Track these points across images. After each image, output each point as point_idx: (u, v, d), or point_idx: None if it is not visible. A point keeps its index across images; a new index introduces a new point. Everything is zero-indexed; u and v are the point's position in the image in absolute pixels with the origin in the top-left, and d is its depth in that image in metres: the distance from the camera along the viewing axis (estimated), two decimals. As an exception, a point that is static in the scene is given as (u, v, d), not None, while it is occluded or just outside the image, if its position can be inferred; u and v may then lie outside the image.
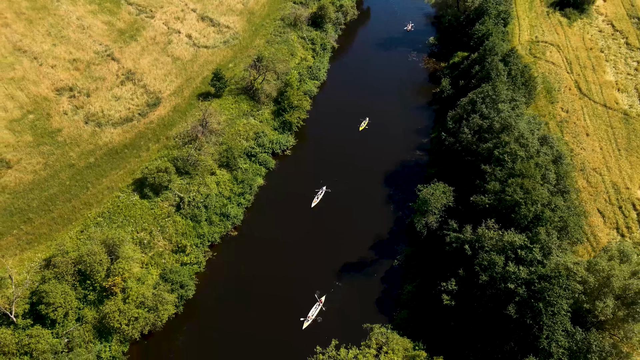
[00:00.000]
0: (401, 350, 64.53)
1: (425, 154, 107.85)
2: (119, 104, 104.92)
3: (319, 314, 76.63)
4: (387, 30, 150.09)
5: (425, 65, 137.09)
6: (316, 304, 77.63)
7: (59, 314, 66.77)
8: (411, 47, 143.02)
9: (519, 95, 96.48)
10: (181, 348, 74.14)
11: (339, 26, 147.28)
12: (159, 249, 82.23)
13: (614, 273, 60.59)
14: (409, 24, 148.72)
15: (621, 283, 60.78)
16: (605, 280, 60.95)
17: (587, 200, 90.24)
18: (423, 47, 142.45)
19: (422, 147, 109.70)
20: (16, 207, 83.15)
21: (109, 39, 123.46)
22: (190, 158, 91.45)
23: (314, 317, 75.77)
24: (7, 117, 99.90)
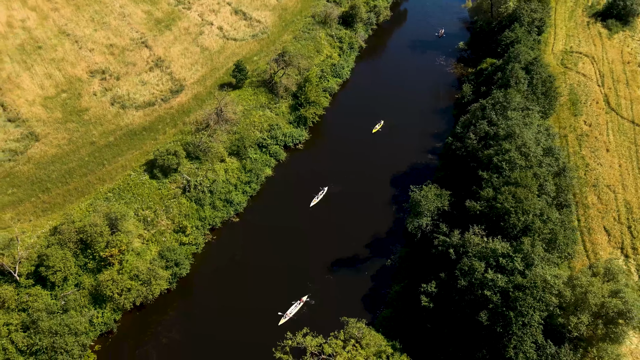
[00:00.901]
0: (373, 346, 65.42)
1: (436, 158, 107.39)
2: (145, 88, 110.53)
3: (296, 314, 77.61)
4: (419, 34, 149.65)
5: (453, 70, 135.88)
6: (297, 302, 78.78)
7: (57, 278, 72.02)
8: (441, 51, 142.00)
9: (534, 104, 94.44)
10: (170, 322, 78.03)
11: (370, 26, 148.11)
12: (161, 227, 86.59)
13: (590, 289, 59.14)
14: (441, 30, 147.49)
15: (598, 300, 59.23)
16: (582, 296, 59.58)
17: (594, 217, 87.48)
18: (453, 52, 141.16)
19: (434, 151, 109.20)
20: (37, 177, 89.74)
21: (146, 27, 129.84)
22: (202, 144, 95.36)
23: (292, 315, 76.98)
24: (42, 94, 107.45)
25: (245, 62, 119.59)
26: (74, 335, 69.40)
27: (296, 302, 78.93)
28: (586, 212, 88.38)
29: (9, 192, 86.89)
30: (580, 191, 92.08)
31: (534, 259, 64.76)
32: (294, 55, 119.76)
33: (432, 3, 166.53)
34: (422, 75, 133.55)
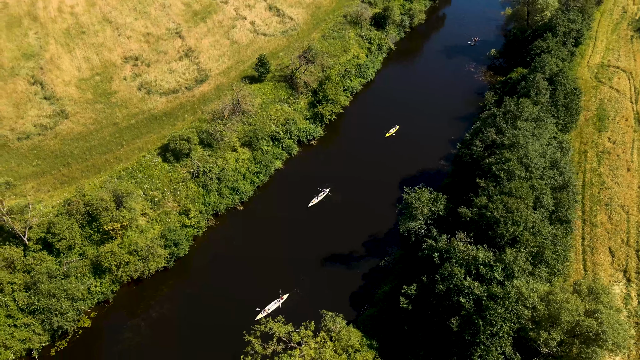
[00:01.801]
0: (344, 340, 66.31)
1: (449, 165, 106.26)
2: (172, 76, 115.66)
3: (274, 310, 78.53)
4: (453, 40, 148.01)
5: (481, 78, 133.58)
6: (277, 300, 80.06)
7: (62, 245, 77.41)
8: (472, 57, 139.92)
9: (548, 115, 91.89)
10: (162, 298, 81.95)
11: (403, 29, 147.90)
12: (167, 208, 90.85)
13: (565, 306, 57.63)
14: (475, 38, 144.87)
15: (572, 318, 57.64)
16: (556, 312, 58.15)
17: (601, 236, 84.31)
18: (484, 59, 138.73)
19: (448, 158, 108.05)
20: (61, 151, 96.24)
21: (183, 18, 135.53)
22: (215, 133, 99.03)
23: (270, 311, 78.05)
24: (78, 76, 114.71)
25: (270, 57, 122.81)
26: (70, 300, 74.36)
27: (276, 299, 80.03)
28: (593, 230, 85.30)
29: (34, 163, 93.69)
30: (590, 209, 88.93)
31: (514, 270, 63.64)
32: (318, 53, 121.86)
33: (472, 10, 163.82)
34: (449, 81, 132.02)
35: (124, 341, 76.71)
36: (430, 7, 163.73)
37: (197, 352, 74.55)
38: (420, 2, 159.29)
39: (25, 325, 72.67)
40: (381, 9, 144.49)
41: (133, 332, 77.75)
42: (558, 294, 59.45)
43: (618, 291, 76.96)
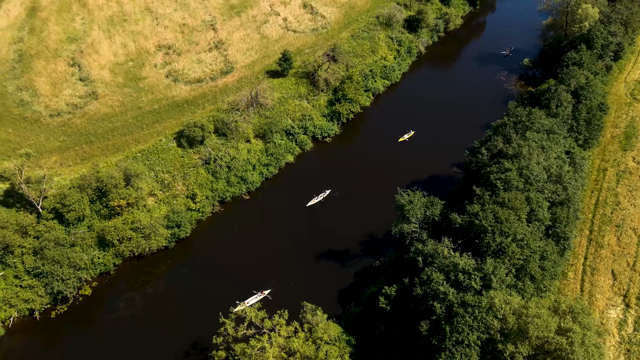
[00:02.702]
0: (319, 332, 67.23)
1: (461, 172, 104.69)
2: (199, 66, 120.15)
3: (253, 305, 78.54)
4: (488, 47, 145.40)
5: (511, 87, 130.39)
6: (258, 294, 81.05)
7: (71, 216, 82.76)
8: (504, 66, 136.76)
9: (562, 128, 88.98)
10: (160, 276, 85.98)
11: (437, 33, 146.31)
12: (175, 191, 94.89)
13: (534, 321, 56.26)
14: (509, 48, 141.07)
15: (540, 333, 56.17)
16: (525, 326, 56.87)
17: (605, 257, 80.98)
18: (516, 69, 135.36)
19: (461, 165, 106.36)
20: (86, 130, 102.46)
21: (219, 11, 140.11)
22: (231, 123, 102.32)
23: (249, 305, 77.55)
24: (113, 61, 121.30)
25: (296, 54, 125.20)
26: (73, 268, 79.43)
27: (257, 294, 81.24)
28: (597, 250, 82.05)
29: (61, 139, 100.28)
30: (599, 228, 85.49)
31: (492, 280, 62.65)
32: (344, 52, 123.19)
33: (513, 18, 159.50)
34: (476, 88, 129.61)
35: (119, 311, 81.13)
36: (470, 13, 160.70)
37: (184, 329, 77.56)
38: (458, 7, 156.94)
39: (30, 286, 78.36)
40: (415, 11, 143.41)
41: (128, 304, 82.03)
42: (531, 308, 58.02)
43: (614, 315, 73.82)
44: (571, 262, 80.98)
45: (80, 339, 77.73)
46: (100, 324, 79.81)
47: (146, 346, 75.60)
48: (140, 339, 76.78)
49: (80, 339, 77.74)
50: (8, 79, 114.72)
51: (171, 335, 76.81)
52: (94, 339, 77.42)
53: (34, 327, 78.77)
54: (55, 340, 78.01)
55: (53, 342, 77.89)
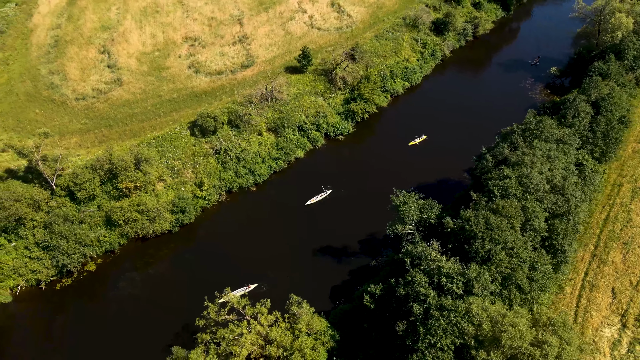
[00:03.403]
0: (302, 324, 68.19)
1: (470, 178, 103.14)
2: (221, 59, 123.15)
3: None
4: (516, 53, 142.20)
5: (536, 96, 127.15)
6: (244, 287, 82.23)
7: (82, 195, 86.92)
8: (531, 74, 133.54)
9: (575, 138, 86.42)
10: (161, 258, 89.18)
11: (465, 37, 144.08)
12: (184, 178, 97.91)
13: (507, 329, 55.35)
14: (536, 57, 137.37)
15: (513, 343, 55.21)
16: (499, 333, 56.04)
17: (607, 274, 78.29)
18: (543, 77, 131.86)
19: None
20: (107, 115, 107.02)
21: (248, 7, 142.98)
22: (244, 115, 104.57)
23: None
24: (141, 50, 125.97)
25: (318, 51, 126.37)
26: (79, 243, 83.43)
27: (244, 287, 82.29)
28: (600, 267, 79.40)
29: (83, 122, 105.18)
30: (605, 244, 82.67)
31: (474, 286, 61.99)
32: (365, 51, 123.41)
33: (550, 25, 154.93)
34: (500, 95, 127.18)
35: (120, 289, 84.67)
36: (502, 18, 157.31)
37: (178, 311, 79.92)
38: (490, 11, 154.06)
39: (38, 258, 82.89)
40: (443, 14, 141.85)
41: (128, 283, 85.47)
42: (507, 316, 57.08)
43: (608, 334, 71.39)
44: (570, 277, 78.70)
45: (81, 312, 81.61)
46: (101, 299, 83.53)
47: (141, 324, 78.69)
48: (136, 317, 79.97)
49: (81, 312, 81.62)
50: (42, 62, 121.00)
51: (165, 316, 79.52)
52: (93, 313, 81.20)
53: (39, 297, 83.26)
54: (58, 311, 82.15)
55: (56, 312, 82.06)
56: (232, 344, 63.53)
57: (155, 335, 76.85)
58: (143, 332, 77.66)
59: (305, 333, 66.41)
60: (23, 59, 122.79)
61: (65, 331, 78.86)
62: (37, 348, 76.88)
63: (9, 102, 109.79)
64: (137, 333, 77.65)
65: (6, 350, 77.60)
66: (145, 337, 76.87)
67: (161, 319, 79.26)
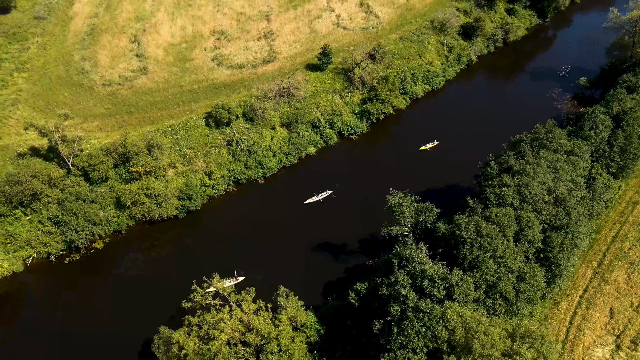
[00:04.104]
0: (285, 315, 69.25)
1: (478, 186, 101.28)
2: (244, 53, 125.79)
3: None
4: (547, 61, 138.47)
5: (562, 106, 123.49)
6: (231, 279, 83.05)
7: (95, 175, 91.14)
8: (559, 84, 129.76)
9: (586, 152, 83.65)
10: (165, 241, 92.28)
11: (494, 43, 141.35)
12: (195, 166, 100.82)
13: (479, 337, 54.52)
14: (565, 68, 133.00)
15: (484, 351, 54.27)
16: (470, 340, 55.28)
17: (607, 293, 75.55)
18: (572, 87, 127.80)
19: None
20: (129, 101, 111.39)
21: (278, 4, 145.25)
22: (258, 109, 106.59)
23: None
24: (170, 41, 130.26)
25: (340, 50, 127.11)
26: (88, 221, 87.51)
27: (232, 278, 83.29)
28: (600, 285, 76.69)
29: (106, 107, 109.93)
30: (610, 262, 79.74)
31: (454, 291, 61.36)
32: (387, 52, 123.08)
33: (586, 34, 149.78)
34: (523, 103, 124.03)
35: (123, 268, 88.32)
36: (537, 25, 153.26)
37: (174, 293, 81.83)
38: (525, 18, 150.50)
39: (49, 232, 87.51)
40: (473, 19, 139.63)
41: (132, 263, 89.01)
42: (482, 324, 56.21)
43: (599, 354, 68.96)
44: (567, 292, 76.39)
45: (85, 287, 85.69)
46: (105, 276, 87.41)
47: (138, 302, 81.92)
48: (135, 295, 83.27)
49: (85, 287, 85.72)
50: (77, 49, 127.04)
51: (162, 296, 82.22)
52: (97, 289, 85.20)
53: (48, 269, 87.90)
54: (65, 284, 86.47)
55: (62, 284, 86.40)
56: (213, 328, 65.22)
57: (150, 313, 79.72)
58: (139, 309, 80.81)
59: (289, 324, 67.30)
60: (60, 44, 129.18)
61: (69, 302, 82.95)
62: (43, 314, 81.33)
63: (41, 85, 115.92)
64: (134, 310, 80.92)
65: (18, 314, 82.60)
66: (141, 314, 79.98)
67: (158, 299, 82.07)
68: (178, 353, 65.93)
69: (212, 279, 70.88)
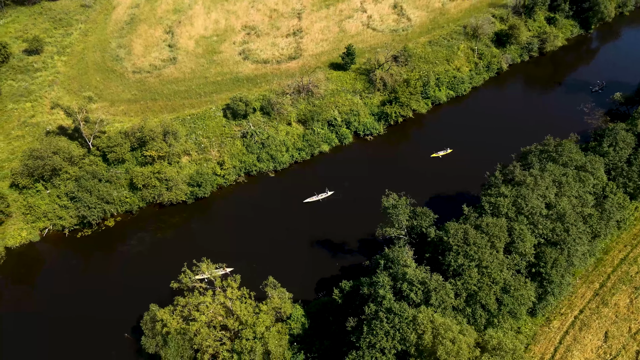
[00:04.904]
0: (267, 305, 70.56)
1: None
2: (271, 49, 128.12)
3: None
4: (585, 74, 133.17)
5: (592, 121, 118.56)
6: (221, 269, 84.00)
7: (112, 157, 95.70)
8: (593, 98, 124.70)
9: (599, 168, 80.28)
10: (172, 224, 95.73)
11: (529, 52, 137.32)
12: (208, 155, 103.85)
13: (445, 343, 53.77)
14: (600, 83, 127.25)
15: (449, 358, 53.47)
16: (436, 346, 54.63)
17: (605, 317, 72.36)
18: (606, 103, 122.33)
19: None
20: (155, 89, 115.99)
21: (311, 2, 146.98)
22: (275, 104, 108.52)
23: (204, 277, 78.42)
24: (202, 34, 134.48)
25: (366, 51, 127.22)
26: (101, 199, 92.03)
27: (220, 269, 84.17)
28: (599, 307, 73.52)
29: (132, 92, 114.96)
30: (613, 285, 76.33)
31: (430, 297, 60.76)
32: (412, 56, 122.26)
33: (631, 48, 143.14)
34: (551, 116, 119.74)
35: (129, 246, 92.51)
36: (579, 36, 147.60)
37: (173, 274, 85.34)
38: (565, 28, 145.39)
39: (65, 207, 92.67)
40: (507, 26, 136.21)
41: (139, 242, 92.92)
42: (451, 331, 55.39)
43: (586, 378, 66.25)
44: (562, 311, 73.74)
45: (93, 260, 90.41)
46: (112, 252, 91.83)
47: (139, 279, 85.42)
48: (137, 272, 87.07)
49: (93, 259, 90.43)
50: (115, 36, 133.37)
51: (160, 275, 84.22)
52: (103, 263, 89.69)
53: (62, 241, 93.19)
54: (75, 256, 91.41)
55: (73, 256, 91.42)
56: (195, 309, 67.39)
57: (147, 290, 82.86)
58: (138, 285, 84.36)
59: (273, 314, 68.62)
60: (100, 31, 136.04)
61: (78, 273, 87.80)
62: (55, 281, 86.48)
63: (78, 68, 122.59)
64: (133, 286, 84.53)
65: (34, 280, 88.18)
66: (139, 290, 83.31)
67: (156, 278, 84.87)
68: (161, 330, 68.49)
69: (202, 263, 72.94)
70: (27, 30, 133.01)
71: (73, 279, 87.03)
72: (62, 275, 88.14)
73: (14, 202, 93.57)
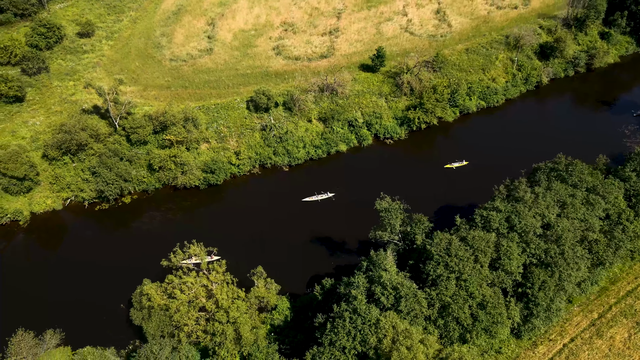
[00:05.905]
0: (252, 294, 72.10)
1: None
2: (304, 47, 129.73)
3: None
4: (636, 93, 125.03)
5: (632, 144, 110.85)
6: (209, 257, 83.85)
7: (134, 138, 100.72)
8: (636, 120, 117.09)
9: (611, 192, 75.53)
10: (182, 208, 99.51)
11: (575, 67, 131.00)
12: (226, 144, 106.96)
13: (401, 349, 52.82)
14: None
15: (400, 367, 52.64)
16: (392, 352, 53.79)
17: (597, 350, 68.15)
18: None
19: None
20: (186, 77, 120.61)
21: (354, 2, 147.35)
22: (297, 100, 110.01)
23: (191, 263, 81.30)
24: (240, 27, 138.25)
25: (399, 54, 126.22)
26: (119, 177, 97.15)
27: (209, 257, 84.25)
28: (592, 339, 69.35)
29: (166, 79, 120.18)
30: (612, 317, 71.70)
31: (400, 303, 59.94)
32: (444, 62, 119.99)
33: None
34: (589, 134, 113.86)
35: (140, 222, 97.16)
36: (635, 54, 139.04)
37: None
38: (620, 44, 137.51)
39: (87, 180, 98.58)
40: (553, 38, 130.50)
41: (149, 220, 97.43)
42: (409, 338, 54.36)
43: (563, 410, 62.80)
44: (551, 337, 70.15)
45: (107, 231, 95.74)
46: (125, 226, 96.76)
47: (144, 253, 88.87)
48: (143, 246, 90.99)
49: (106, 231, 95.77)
50: (160, 25, 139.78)
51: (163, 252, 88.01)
52: (115, 235, 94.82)
53: (81, 211, 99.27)
54: (91, 226, 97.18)
55: (90, 227, 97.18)
56: (177, 288, 70.00)
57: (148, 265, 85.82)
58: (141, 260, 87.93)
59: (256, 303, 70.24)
60: (148, 20, 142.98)
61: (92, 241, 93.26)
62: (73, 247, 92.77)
63: (122, 53, 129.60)
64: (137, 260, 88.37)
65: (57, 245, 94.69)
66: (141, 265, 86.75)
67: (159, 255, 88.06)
68: (146, 304, 71.64)
69: (192, 245, 75.49)
70: (83, 15, 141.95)
71: (86, 247, 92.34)
72: (77, 242, 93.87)
73: (43, 172, 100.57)
